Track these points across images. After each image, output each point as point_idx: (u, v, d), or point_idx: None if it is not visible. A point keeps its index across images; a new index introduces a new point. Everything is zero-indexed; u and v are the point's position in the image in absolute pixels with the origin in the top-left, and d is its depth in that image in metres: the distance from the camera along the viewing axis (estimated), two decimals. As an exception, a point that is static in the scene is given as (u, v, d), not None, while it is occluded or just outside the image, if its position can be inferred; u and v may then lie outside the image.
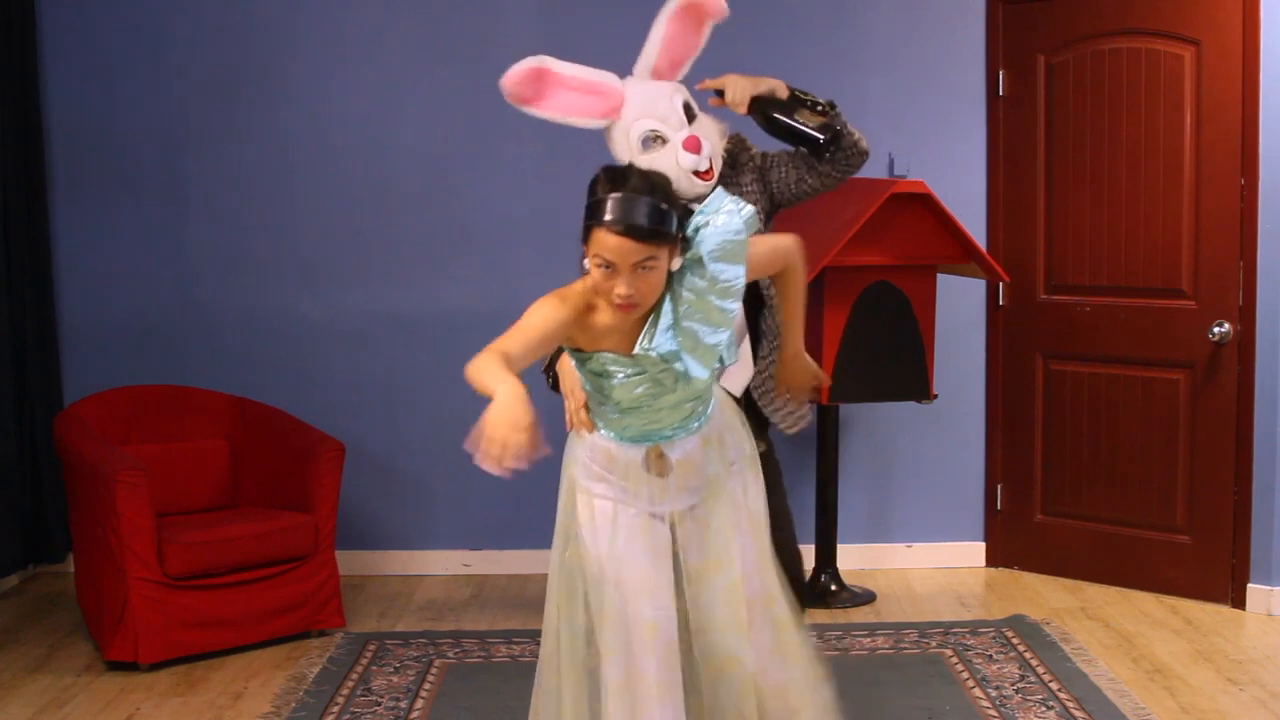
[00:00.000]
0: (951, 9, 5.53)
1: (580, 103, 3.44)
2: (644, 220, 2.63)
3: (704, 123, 3.51)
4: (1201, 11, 4.98)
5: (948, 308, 5.28)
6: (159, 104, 5.52)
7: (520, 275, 5.55)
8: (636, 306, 2.69)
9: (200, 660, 4.55)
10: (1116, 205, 5.24)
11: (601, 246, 2.65)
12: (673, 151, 3.40)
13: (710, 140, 3.46)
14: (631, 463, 2.90)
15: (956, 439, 5.64)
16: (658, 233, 2.65)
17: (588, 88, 3.43)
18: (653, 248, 2.64)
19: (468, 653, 4.65)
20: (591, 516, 2.91)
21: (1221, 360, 5.04)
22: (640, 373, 2.78)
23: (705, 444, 2.92)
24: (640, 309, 2.71)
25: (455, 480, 5.63)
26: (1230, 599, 5.06)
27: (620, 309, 2.70)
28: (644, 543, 2.87)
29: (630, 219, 2.62)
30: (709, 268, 2.73)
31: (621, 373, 2.78)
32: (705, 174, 3.43)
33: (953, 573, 5.61)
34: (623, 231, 2.62)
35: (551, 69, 3.42)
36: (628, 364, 2.78)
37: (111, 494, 4.38)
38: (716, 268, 2.73)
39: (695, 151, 3.39)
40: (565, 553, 3.00)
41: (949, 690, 4.24)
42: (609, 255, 2.64)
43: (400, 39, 5.52)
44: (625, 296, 2.66)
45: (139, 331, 5.56)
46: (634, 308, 2.69)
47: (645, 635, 2.82)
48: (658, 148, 3.41)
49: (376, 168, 5.55)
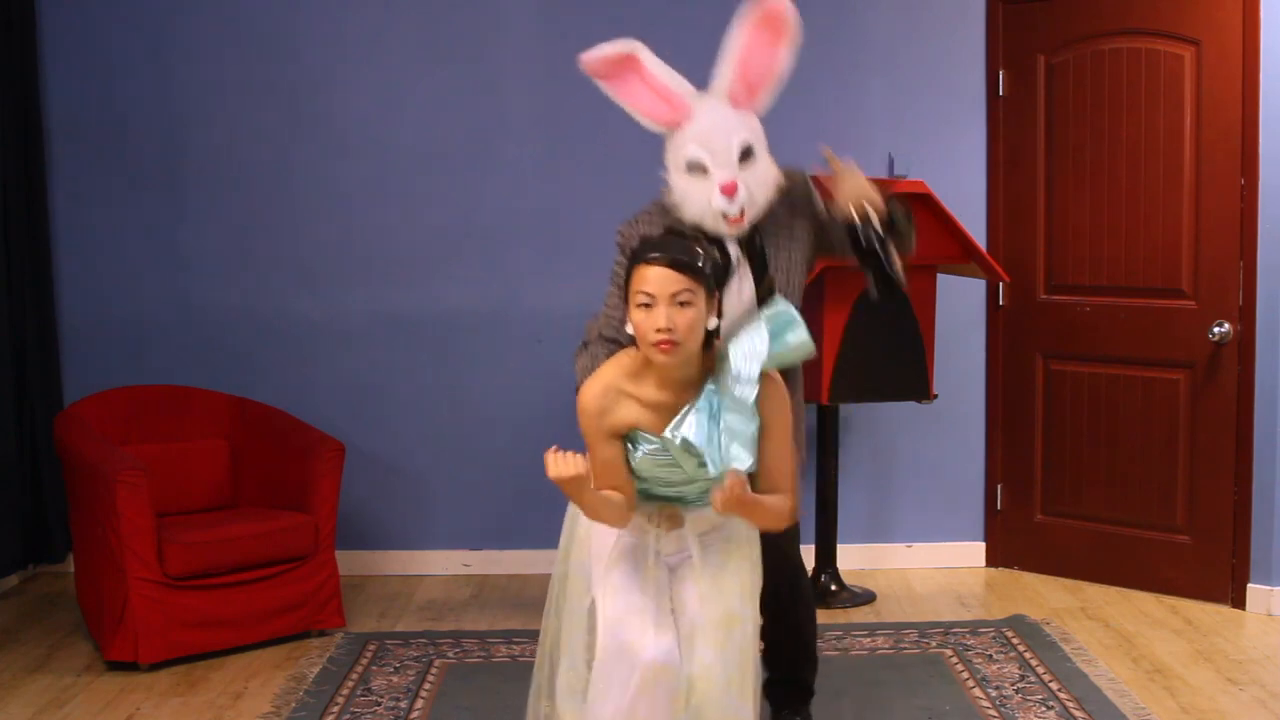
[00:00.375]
0: (951, 9, 5.53)
1: (649, 102, 3.39)
2: (682, 254, 2.76)
3: (759, 169, 3.37)
4: (1201, 11, 4.98)
5: (948, 308, 5.28)
6: (159, 104, 5.52)
7: (520, 275, 5.56)
8: (676, 346, 2.74)
9: (200, 660, 4.55)
10: (1116, 205, 5.24)
11: (642, 282, 2.76)
12: (710, 187, 3.31)
13: (752, 189, 3.34)
14: (640, 519, 2.96)
15: (956, 439, 5.64)
16: (695, 267, 2.76)
17: (662, 91, 3.37)
18: (690, 281, 2.74)
19: (468, 653, 4.66)
20: (590, 542, 3.00)
21: (1221, 360, 5.04)
22: (664, 452, 2.85)
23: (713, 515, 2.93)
24: (680, 350, 2.76)
25: (455, 480, 5.64)
26: (1230, 599, 5.06)
27: (660, 347, 2.75)
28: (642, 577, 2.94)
29: (669, 251, 2.76)
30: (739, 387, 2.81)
31: (648, 448, 2.86)
32: (734, 220, 3.33)
33: (953, 573, 5.61)
34: (662, 261, 2.74)
35: (641, 60, 3.38)
36: (655, 441, 2.85)
37: (111, 494, 4.38)
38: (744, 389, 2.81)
39: (729, 195, 3.30)
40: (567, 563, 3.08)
41: (949, 690, 4.24)
42: (649, 288, 2.74)
43: (400, 39, 5.52)
44: (664, 330, 2.73)
45: (139, 331, 5.56)
46: (673, 346, 2.74)
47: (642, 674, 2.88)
48: (698, 176, 3.33)
49: (376, 168, 5.55)
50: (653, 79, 3.37)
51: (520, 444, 5.60)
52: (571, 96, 5.48)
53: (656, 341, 2.74)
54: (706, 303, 2.78)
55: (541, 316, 5.55)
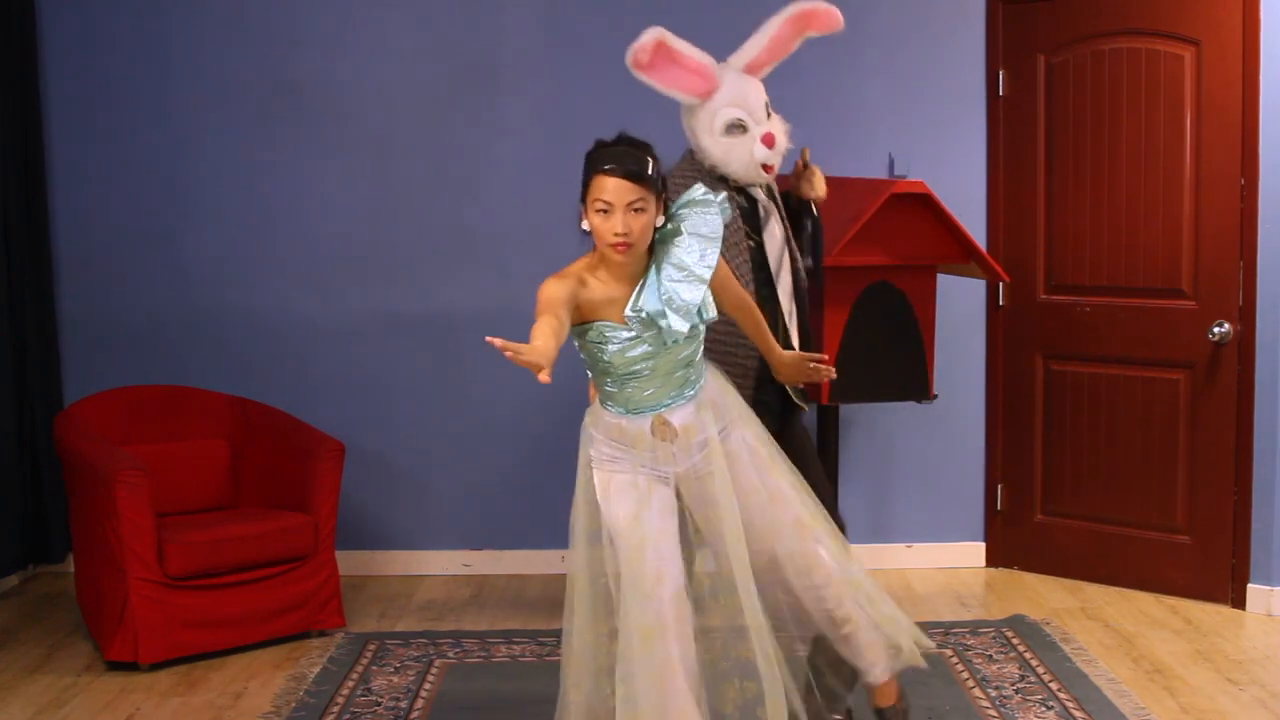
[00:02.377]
0: (951, 9, 5.53)
1: (685, 80, 3.76)
2: (635, 165, 3.11)
3: (777, 122, 3.84)
4: (1201, 11, 4.98)
5: (948, 308, 5.27)
6: (159, 104, 5.52)
7: (520, 275, 5.54)
8: (630, 247, 3.10)
9: (200, 660, 4.55)
10: (1116, 205, 5.24)
11: (601, 190, 3.10)
12: (750, 141, 3.74)
13: (781, 140, 3.81)
14: (640, 433, 3.25)
15: (956, 439, 5.64)
16: (646, 177, 3.10)
17: (695, 68, 3.76)
18: (643, 190, 3.10)
19: (468, 653, 4.66)
20: (607, 488, 3.26)
21: (1221, 360, 5.04)
22: (634, 337, 3.17)
23: (700, 409, 3.28)
24: (633, 251, 3.12)
25: (455, 480, 5.64)
26: (1230, 599, 5.06)
27: (617, 249, 3.10)
28: (657, 504, 3.23)
29: (624, 164, 3.11)
30: (685, 239, 3.18)
31: (616, 339, 3.18)
32: (770, 168, 3.78)
33: (953, 573, 5.61)
34: (619, 173, 3.08)
35: (669, 43, 3.72)
36: (621, 329, 3.17)
37: (111, 494, 4.38)
38: (691, 241, 3.18)
39: (770, 146, 3.75)
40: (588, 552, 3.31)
41: (949, 690, 4.24)
42: (608, 196, 3.09)
43: (401, 39, 5.52)
44: (621, 235, 3.08)
45: (139, 331, 5.56)
46: (628, 248, 3.10)
47: (664, 588, 3.16)
48: (738, 135, 3.74)
49: (376, 167, 5.55)
50: (684, 59, 3.76)
51: (520, 444, 5.60)
52: (572, 96, 5.50)
53: (614, 243, 3.09)
54: (655, 206, 3.13)
55: (541, 316, 5.54)
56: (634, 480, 3.24)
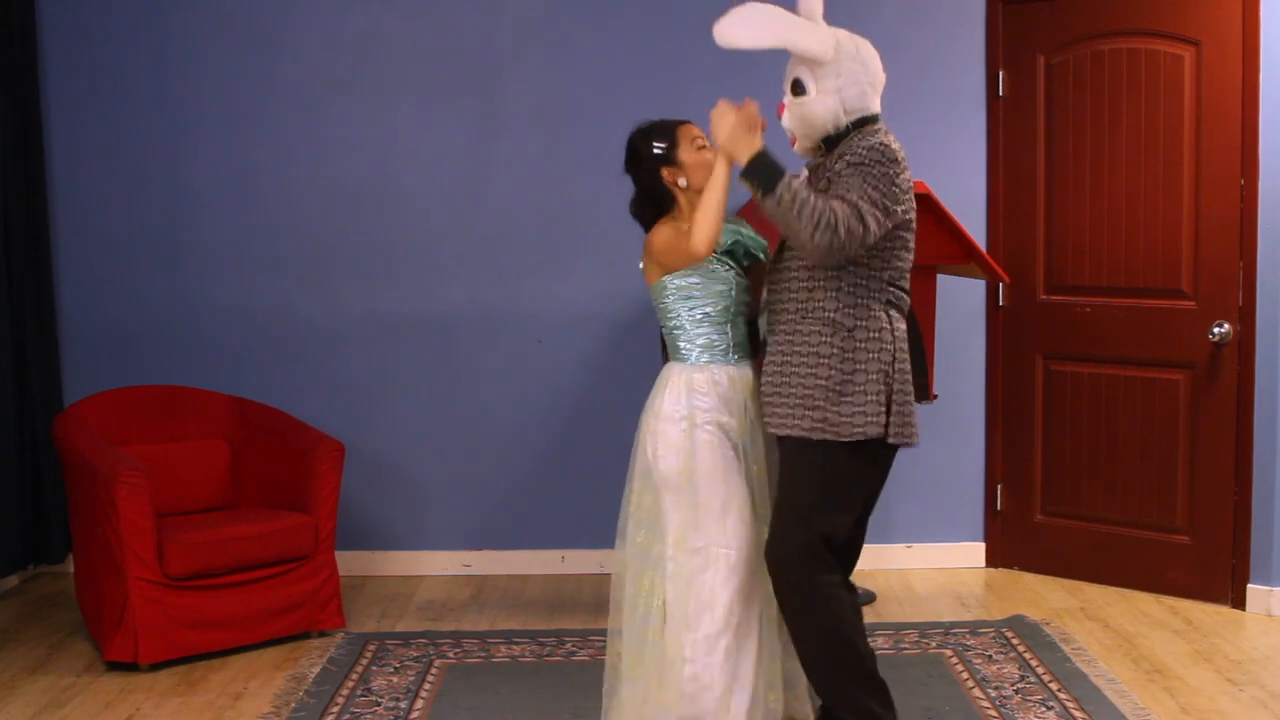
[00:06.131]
0: (951, 9, 5.53)
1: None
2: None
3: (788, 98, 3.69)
4: (1201, 11, 4.98)
5: (948, 308, 5.28)
6: (159, 105, 5.52)
7: (520, 275, 5.56)
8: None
9: (200, 660, 4.56)
10: (1116, 205, 5.24)
11: (691, 132, 3.62)
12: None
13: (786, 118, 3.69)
14: (733, 392, 3.61)
15: (956, 439, 5.64)
16: None
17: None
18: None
19: (468, 653, 4.66)
20: (695, 447, 3.58)
21: (1221, 360, 5.04)
22: (717, 277, 3.59)
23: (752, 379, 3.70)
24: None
25: (455, 480, 5.64)
26: (1230, 599, 5.07)
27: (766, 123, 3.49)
28: (737, 467, 3.62)
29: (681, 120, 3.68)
30: None
31: (706, 280, 3.57)
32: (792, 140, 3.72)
33: (953, 573, 5.61)
34: (691, 122, 3.63)
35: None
36: (708, 269, 3.59)
37: (111, 494, 4.38)
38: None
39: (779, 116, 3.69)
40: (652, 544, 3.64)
41: (949, 690, 4.24)
42: (700, 135, 3.61)
43: (400, 39, 5.52)
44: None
45: (139, 331, 5.56)
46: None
47: (745, 532, 3.59)
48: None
49: (376, 168, 5.55)
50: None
51: (520, 444, 5.60)
52: (572, 97, 5.50)
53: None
54: None
55: (541, 317, 5.55)
56: (723, 442, 3.60)
